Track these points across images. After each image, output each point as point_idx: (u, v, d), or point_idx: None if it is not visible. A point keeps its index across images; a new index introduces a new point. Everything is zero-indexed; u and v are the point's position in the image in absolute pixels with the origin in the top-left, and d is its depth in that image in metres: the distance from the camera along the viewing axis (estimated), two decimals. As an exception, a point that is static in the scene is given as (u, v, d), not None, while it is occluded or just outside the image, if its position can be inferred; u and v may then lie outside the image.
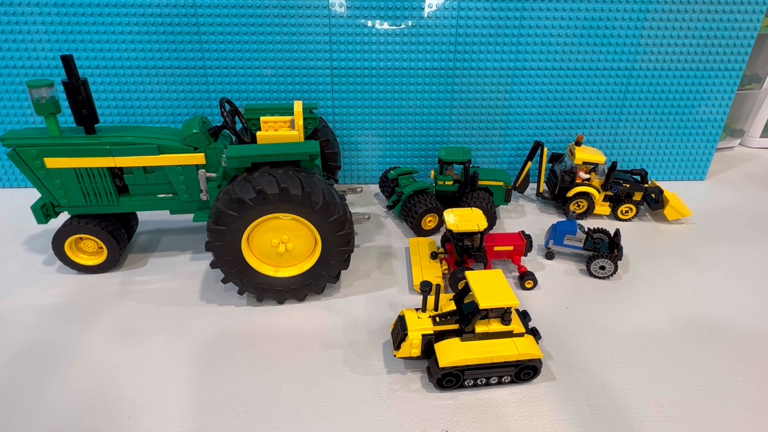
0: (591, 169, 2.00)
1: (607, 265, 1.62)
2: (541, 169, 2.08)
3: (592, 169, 2.00)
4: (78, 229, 1.55)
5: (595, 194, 1.98)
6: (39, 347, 1.32)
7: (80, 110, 1.43)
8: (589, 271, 1.65)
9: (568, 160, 2.03)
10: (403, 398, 1.20)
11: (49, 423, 1.12)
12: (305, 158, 1.39)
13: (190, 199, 1.58)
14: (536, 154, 2.11)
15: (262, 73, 2.05)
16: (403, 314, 1.29)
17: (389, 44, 2.02)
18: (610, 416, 1.16)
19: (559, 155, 2.13)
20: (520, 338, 1.23)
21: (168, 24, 1.93)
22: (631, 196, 1.99)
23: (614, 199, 2.02)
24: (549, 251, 1.74)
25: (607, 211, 2.03)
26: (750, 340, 1.40)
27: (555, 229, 1.71)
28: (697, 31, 2.09)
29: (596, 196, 1.98)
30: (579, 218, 2.02)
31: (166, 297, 1.52)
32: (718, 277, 1.68)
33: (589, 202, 1.99)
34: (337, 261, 1.46)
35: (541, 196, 2.12)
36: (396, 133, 2.21)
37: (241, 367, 1.28)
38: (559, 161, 2.11)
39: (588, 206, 2.00)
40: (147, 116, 2.10)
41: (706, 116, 2.29)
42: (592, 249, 1.67)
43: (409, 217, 1.85)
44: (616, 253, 1.64)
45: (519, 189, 2.13)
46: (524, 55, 2.08)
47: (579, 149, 1.99)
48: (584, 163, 1.97)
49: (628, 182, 2.01)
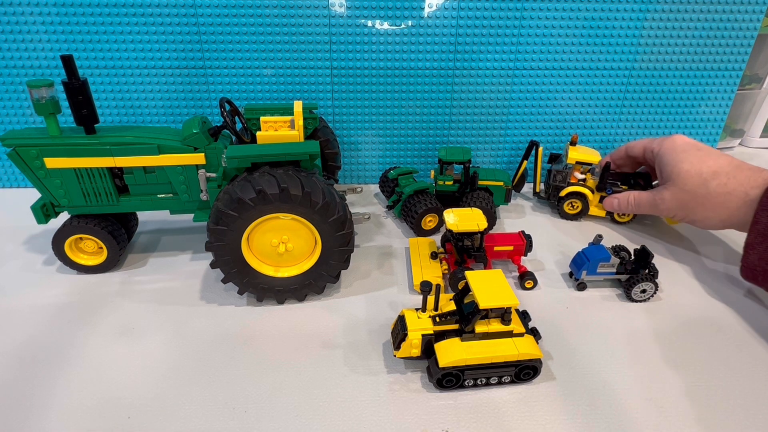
0: (587, 169, 1.98)
1: (648, 288, 1.52)
2: (537, 168, 2.07)
3: (589, 170, 1.98)
4: (78, 229, 1.55)
5: (589, 195, 1.95)
6: (39, 347, 1.32)
7: (80, 110, 1.43)
8: (628, 296, 1.53)
9: (564, 160, 2.03)
10: (403, 398, 1.20)
11: (49, 423, 1.12)
12: (305, 158, 1.39)
13: (190, 199, 1.58)
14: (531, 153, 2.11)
15: (262, 73, 2.05)
16: (403, 314, 1.29)
17: (389, 44, 2.02)
18: (610, 416, 1.16)
19: (557, 155, 2.12)
20: (520, 338, 1.23)
21: (168, 24, 1.93)
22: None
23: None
24: (581, 282, 1.59)
25: (603, 213, 1.99)
26: (750, 340, 1.40)
27: (586, 258, 1.57)
28: (697, 31, 2.09)
29: (590, 197, 1.96)
30: (573, 219, 2.00)
31: (166, 297, 1.52)
32: (717, 276, 1.68)
33: (583, 202, 1.97)
34: (337, 261, 1.46)
35: (537, 196, 2.12)
36: (396, 133, 2.21)
37: (241, 367, 1.28)
38: (557, 161, 2.10)
39: (582, 207, 1.98)
40: (147, 116, 2.10)
41: (706, 116, 2.29)
42: (627, 272, 1.56)
43: (409, 217, 1.85)
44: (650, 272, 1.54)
45: (515, 188, 2.13)
46: (524, 55, 2.08)
47: (573, 149, 1.98)
48: (578, 163, 1.96)
49: (627, 183, 1.98)
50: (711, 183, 1.57)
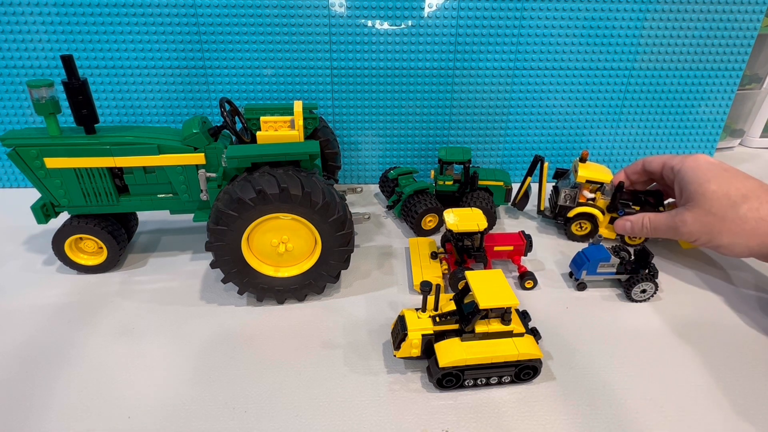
0: (596, 188, 1.83)
1: (648, 288, 1.51)
2: (542, 185, 1.91)
3: (598, 189, 1.83)
4: (78, 229, 1.55)
5: (600, 216, 1.81)
6: (39, 347, 1.32)
7: (80, 110, 1.43)
8: (628, 296, 1.53)
9: (572, 177, 1.85)
10: (403, 398, 1.20)
11: (49, 423, 1.12)
12: (305, 158, 1.39)
13: (190, 199, 1.58)
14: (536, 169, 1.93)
15: (262, 73, 2.05)
16: (403, 314, 1.29)
17: (389, 44, 2.02)
18: (610, 416, 1.16)
19: (564, 171, 1.95)
20: (520, 338, 1.23)
21: (168, 24, 1.93)
22: None
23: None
24: (581, 282, 1.59)
25: (613, 234, 1.83)
26: (750, 340, 1.40)
27: (586, 258, 1.56)
28: (697, 31, 2.09)
29: (600, 218, 1.81)
30: (581, 241, 1.88)
31: (166, 297, 1.52)
32: (717, 276, 1.68)
33: (592, 224, 1.83)
34: (337, 261, 1.46)
35: (542, 214, 1.94)
36: (396, 133, 2.21)
37: (241, 367, 1.28)
38: (563, 178, 1.92)
39: (591, 229, 1.84)
40: (147, 116, 2.10)
41: (706, 116, 2.29)
42: (627, 272, 1.55)
43: (409, 217, 1.85)
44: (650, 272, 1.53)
45: (518, 206, 2.00)
46: (524, 55, 2.08)
47: (583, 166, 1.81)
48: (588, 181, 1.80)
49: (639, 203, 1.82)
50: (741, 207, 1.45)
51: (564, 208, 1.85)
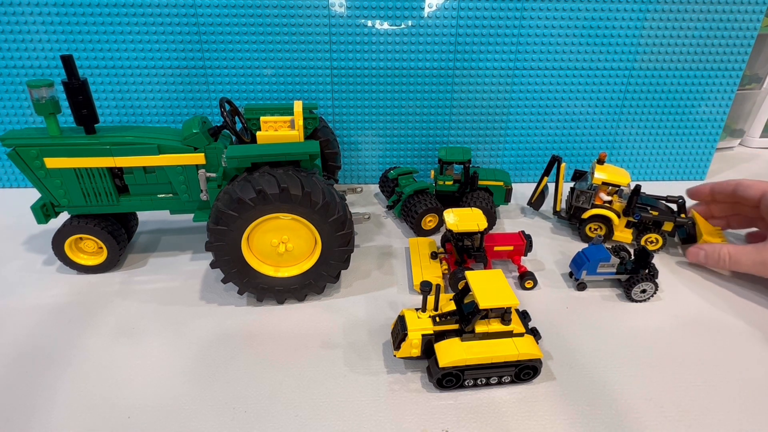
0: (614, 190, 1.80)
1: (648, 288, 1.51)
2: (558, 185, 1.89)
3: (616, 191, 1.81)
4: (78, 229, 1.55)
5: (615, 219, 1.77)
6: (39, 347, 1.32)
7: (80, 110, 1.43)
8: (628, 296, 1.53)
9: (589, 179, 1.83)
10: (403, 398, 1.20)
11: (49, 423, 1.12)
12: (305, 158, 1.39)
13: (190, 199, 1.58)
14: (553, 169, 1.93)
15: (262, 73, 2.05)
16: (403, 314, 1.29)
17: (389, 44, 2.02)
18: (610, 416, 1.16)
19: (582, 173, 1.91)
20: (520, 338, 1.23)
21: (168, 24, 1.93)
22: (660, 226, 1.76)
23: (639, 226, 1.79)
24: (581, 282, 1.58)
25: (629, 238, 1.80)
26: (750, 340, 1.40)
27: (586, 258, 1.56)
28: (697, 31, 2.09)
29: (615, 222, 1.77)
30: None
31: (166, 297, 1.52)
32: (717, 276, 1.68)
33: (607, 226, 1.79)
34: (337, 261, 1.46)
35: (557, 215, 1.93)
36: (396, 133, 2.21)
37: (241, 367, 1.28)
38: (581, 179, 1.90)
39: (606, 231, 1.80)
40: (147, 116, 2.10)
41: (706, 116, 2.29)
42: (626, 272, 1.55)
43: (409, 217, 1.85)
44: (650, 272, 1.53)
45: (534, 205, 2.00)
46: (524, 55, 2.08)
47: (600, 168, 1.78)
48: (604, 183, 1.76)
49: (658, 209, 1.79)
50: None
51: (579, 210, 1.82)
